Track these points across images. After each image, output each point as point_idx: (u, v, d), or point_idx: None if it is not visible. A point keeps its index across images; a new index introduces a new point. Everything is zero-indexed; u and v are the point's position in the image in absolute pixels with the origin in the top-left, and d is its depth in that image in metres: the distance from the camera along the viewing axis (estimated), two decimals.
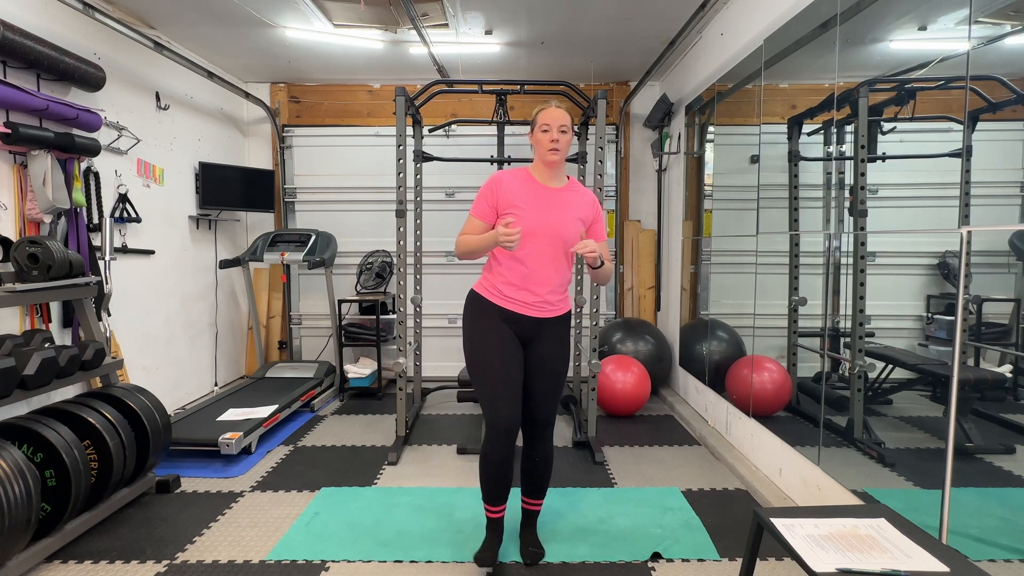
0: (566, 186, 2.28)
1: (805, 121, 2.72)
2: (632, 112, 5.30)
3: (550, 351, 2.28)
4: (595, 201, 2.30)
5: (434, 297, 5.24)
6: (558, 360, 2.29)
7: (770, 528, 1.55)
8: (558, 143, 2.16)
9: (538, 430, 2.32)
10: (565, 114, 2.19)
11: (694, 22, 3.57)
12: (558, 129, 2.16)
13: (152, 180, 3.99)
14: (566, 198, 2.24)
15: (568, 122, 2.19)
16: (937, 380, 2.00)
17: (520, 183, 2.23)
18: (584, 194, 2.29)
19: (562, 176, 2.28)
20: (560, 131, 2.16)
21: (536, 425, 2.32)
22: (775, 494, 2.78)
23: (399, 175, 3.42)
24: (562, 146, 2.17)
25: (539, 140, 2.20)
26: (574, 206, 2.23)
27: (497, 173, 2.27)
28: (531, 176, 2.26)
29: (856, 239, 2.28)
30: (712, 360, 3.84)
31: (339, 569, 2.25)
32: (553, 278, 2.22)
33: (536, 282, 2.21)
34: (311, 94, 5.31)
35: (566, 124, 2.18)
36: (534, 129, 2.22)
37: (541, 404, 2.29)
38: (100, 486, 2.45)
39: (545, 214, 2.19)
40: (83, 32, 3.33)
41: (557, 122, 2.16)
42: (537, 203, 2.20)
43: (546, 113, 2.18)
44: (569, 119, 2.20)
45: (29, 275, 2.55)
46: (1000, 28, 1.70)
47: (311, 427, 3.97)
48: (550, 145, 2.16)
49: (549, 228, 2.18)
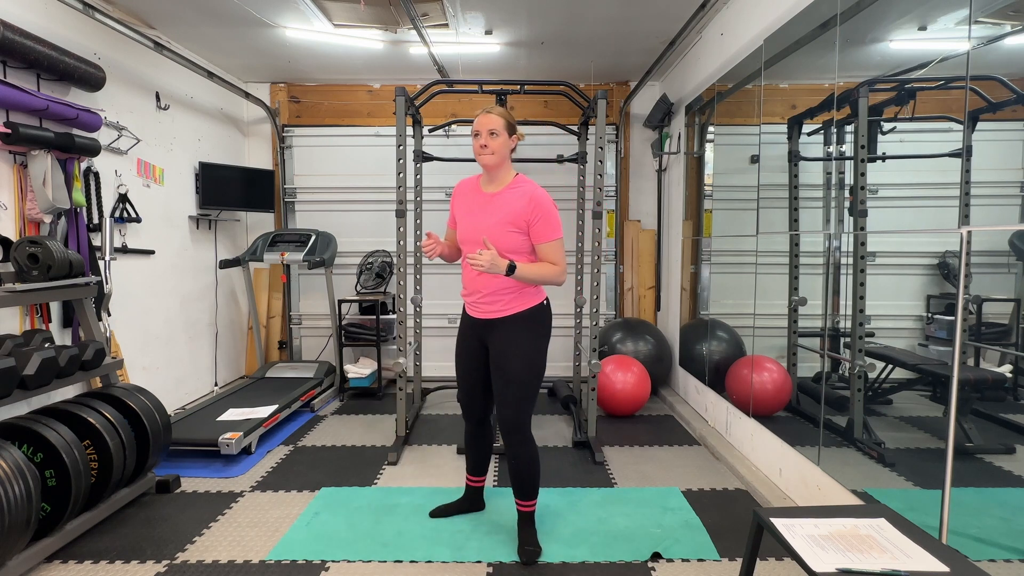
0: (504, 188, 2.31)
1: (805, 121, 2.72)
2: (632, 112, 5.30)
3: (500, 351, 2.31)
4: (535, 199, 2.24)
5: (434, 297, 5.24)
6: (510, 360, 2.28)
7: (770, 528, 1.55)
8: (486, 147, 2.26)
9: (506, 433, 2.34)
10: (495, 118, 2.28)
11: (694, 22, 3.57)
12: (487, 133, 2.26)
13: (152, 180, 3.99)
14: (497, 201, 2.29)
15: (498, 125, 2.27)
16: (937, 380, 2.00)
17: (467, 191, 2.41)
18: (522, 194, 2.27)
19: (503, 179, 2.33)
20: (489, 134, 2.26)
21: (503, 428, 2.34)
22: (775, 494, 2.78)
23: (399, 175, 3.42)
24: (494, 149, 2.26)
25: (473, 146, 2.31)
26: (504, 209, 2.26)
27: (459, 182, 2.44)
28: (477, 183, 2.39)
29: (856, 239, 2.28)
30: (712, 360, 3.84)
31: (339, 569, 2.25)
32: (490, 282, 2.28)
33: (476, 286, 2.32)
34: (311, 94, 5.31)
35: (495, 127, 2.26)
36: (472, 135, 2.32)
37: (500, 407, 2.33)
38: (100, 486, 2.45)
39: (476, 220, 2.30)
40: (83, 32, 3.33)
41: (485, 127, 2.27)
42: (472, 210, 2.34)
43: (477, 119, 2.30)
44: (501, 122, 2.28)
45: (29, 275, 2.55)
46: (1000, 28, 1.70)
47: (311, 427, 3.97)
48: (479, 150, 2.28)
49: (476, 232, 2.28)
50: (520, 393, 2.29)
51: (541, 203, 2.24)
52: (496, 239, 2.23)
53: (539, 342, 2.33)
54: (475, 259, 2.12)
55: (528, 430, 2.34)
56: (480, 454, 2.62)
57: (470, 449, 2.62)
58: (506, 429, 2.32)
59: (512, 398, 2.29)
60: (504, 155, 2.29)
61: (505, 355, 2.29)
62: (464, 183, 2.44)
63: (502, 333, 2.31)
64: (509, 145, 2.30)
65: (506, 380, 2.29)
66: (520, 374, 2.28)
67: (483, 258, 2.11)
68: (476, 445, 2.60)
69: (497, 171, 2.31)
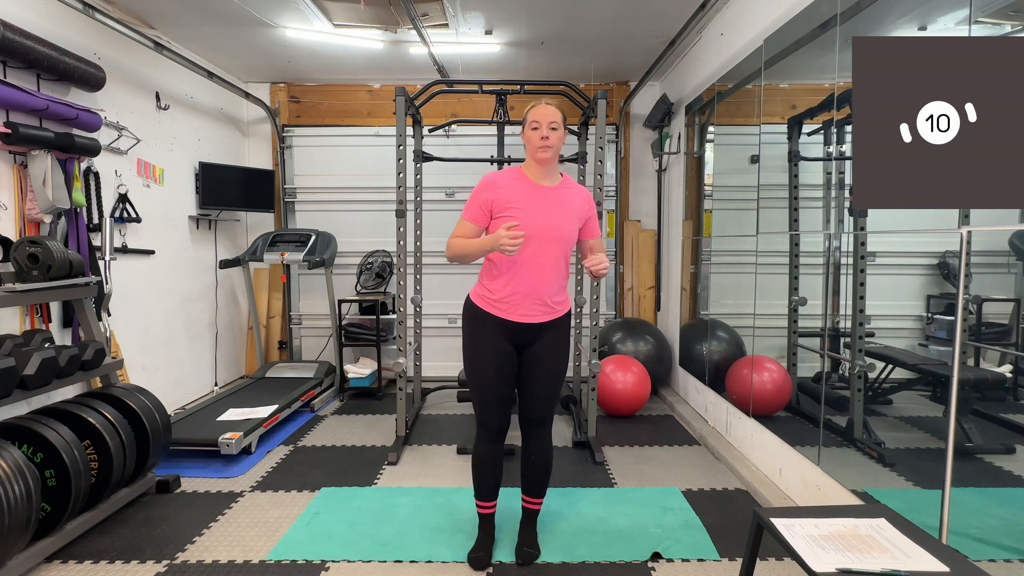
0: (560, 184, 2.24)
1: (805, 121, 2.72)
2: (632, 112, 5.30)
3: (550, 351, 2.25)
4: (590, 198, 2.29)
5: (434, 297, 5.23)
6: (557, 360, 2.27)
7: (770, 528, 1.55)
8: (548, 140, 2.13)
9: (536, 429, 2.31)
10: (556, 111, 2.16)
11: (694, 22, 3.57)
12: (548, 126, 2.13)
13: (152, 180, 3.99)
14: (562, 196, 2.21)
15: (559, 119, 2.15)
16: (937, 380, 2.00)
17: (516, 183, 2.19)
18: (579, 191, 2.27)
19: (556, 174, 2.25)
20: (550, 128, 2.13)
21: (533, 424, 2.31)
22: (775, 494, 2.78)
23: (399, 175, 3.42)
24: (553, 143, 2.14)
25: (529, 138, 2.17)
26: (571, 205, 2.21)
27: (489, 174, 2.23)
28: (525, 175, 2.22)
29: (856, 239, 2.28)
30: (712, 360, 3.84)
31: (339, 569, 2.25)
32: (555, 281, 2.19)
33: (537, 286, 2.17)
34: (311, 94, 5.31)
35: (556, 121, 2.14)
36: (525, 127, 2.19)
37: (539, 404, 2.28)
38: (100, 486, 2.45)
39: (545, 214, 2.16)
40: (83, 32, 3.33)
41: (547, 119, 2.13)
42: (535, 204, 2.16)
43: (536, 110, 2.16)
44: (560, 116, 2.16)
45: (29, 275, 2.55)
46: (1000, 28, 1.70)
47: (311, 427, 3.97)
48: (540, 143, 2.14)
49: (549, 229, 2.15)
50: (558, 390, 2.32)
51: (593, 202, 2.31)
52: (569, 234, 2.20)
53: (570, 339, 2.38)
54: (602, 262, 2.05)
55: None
56: (499, 474, 2.34)
57: (489, 470, 2.30)
58: (540, 424, 2.31)
59: (553, 396, 2.30)
60: (560, 149, 2.21)
61: (554, 354, 2.27)
62: (503, 175, 2.21)
63: (553, 333, 2.26)
64: (564, 140, 2.22)
65: (551, 379, 2.27)
66: (563, 372, 2.31)
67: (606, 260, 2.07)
68: (495, 465, 2.31)
69: (551, 165, 2.21)
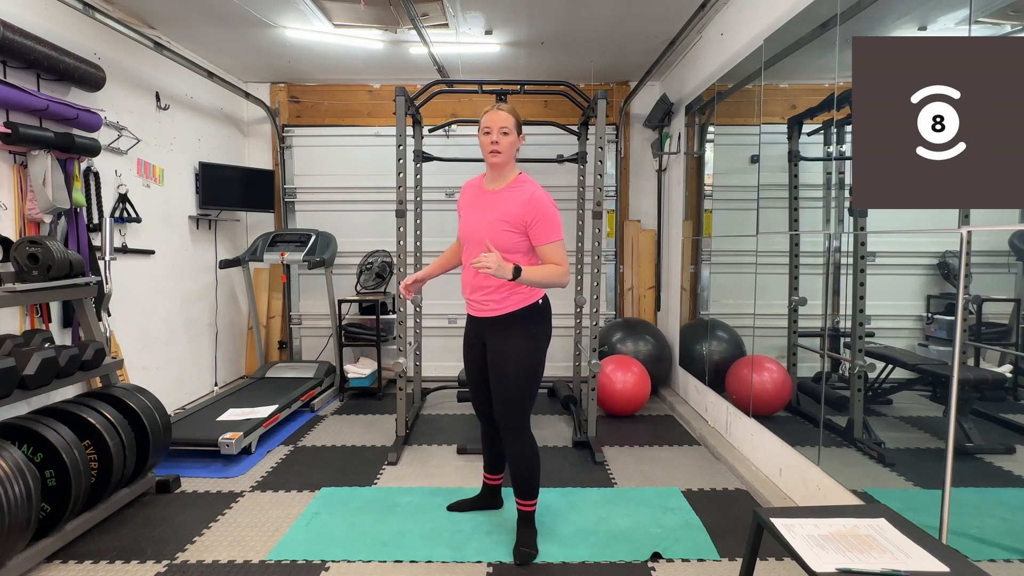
0: (506, 186, 2.28)
1: (805, 121, 2.72)
2: (632, 112, 5.30)
3: (495, 350, 2.31)
4: (534, 200, 2.20)
5: (434, 297, 5.23)
6: (503, 359, 2.28)
7: (770, 528, 1.55)
8: (498, 144, 2.22)
9: (502, 432, 2.37)
10: (507, 116, 2.23)
11: (694, 22, 3.57)
12: (499, 131, 2.22)
13: (152, 180, 3.99)
14: (497, 200, 2.27)
15: (510, 124, 2.23)
16: (937, 380, 2.00)
17: (472, 188, 2.39)
18: (521, 193, 2.24)
19: (507, 177, 2.30)
20: (501, 133, 2.22)
21: (499, 426, 2.38)
22: (775, 494, 2.78)
23: (399, 175, 3.42)
24: (503, 148, 2.22)
25: (482, 143, 2.26)
26: (501, 207, 2.24)
27: (466, 182, 2.45)
28: (481, 181, 2.37)
29: (856, 239, 2.28)
30: (712, 360, 3.84)
31: (339, 569, 2.25)
32: (484, 281, 2.28)
33: (471, 284, 2.33)
34: (311, 94, 5.31)
35: (507, 126, 2.22)
36: (479, 132, 2.27)
37: (495, 405, 2.35)
38: (100, 486, 2.45)
39: (476, 218, 2.29)
40: (83, 32, 3.33)
41: (497, 124, 2.22)
42: (473, 208, 2.33)
43: (488, 116, 2.24)
44: (512, 121, 2.24)
45: (29, 275, 2.55)
46: (1000, 28, 1.70)
47: (311, 427, 3.97)
48: (490, 147, 2.23)
49: (477, 232, 2.27)
50: (514, 392, 2.28)
51: (539, 204, 2.19)
52: (491, 238, 2.21)
53: (534, 341, 2.30)
54: (480, 262, 2.04)
55: (526, 429, 2.34)
56: (494, 452, 2.62)
57: (484, 447, 2.64)
58: (503, 427, 2.34)
59: (506, 397, 2.29)
60: (512, 154, 2.27)
61: (498, 354, 2.29)
62: (470, 183, 2.43)
63: (497, 332, 2.30)
64: (517, 144, 2.28)
65: (500, 379, 2.29)
66: (513, 373, 2.27)
67: (489, 259, 2.04)
68: (490, 444, 2.61)
69: (503, 169, 2.29)
